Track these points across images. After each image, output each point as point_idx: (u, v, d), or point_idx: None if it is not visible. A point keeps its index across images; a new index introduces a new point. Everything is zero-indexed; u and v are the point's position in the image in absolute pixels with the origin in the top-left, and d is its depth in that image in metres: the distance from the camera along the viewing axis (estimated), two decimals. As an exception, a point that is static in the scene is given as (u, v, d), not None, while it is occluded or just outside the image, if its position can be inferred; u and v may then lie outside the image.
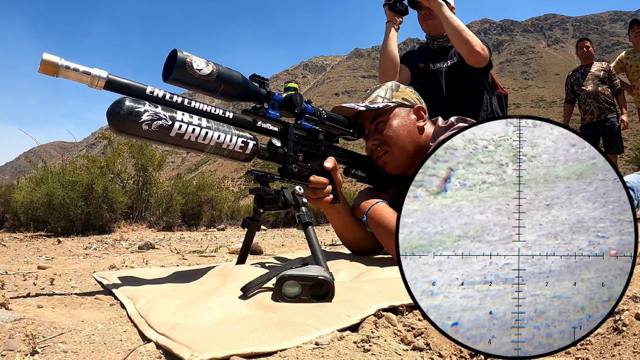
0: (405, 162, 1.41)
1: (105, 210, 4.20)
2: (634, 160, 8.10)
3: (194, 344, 0.62)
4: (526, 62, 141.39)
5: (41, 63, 0.84)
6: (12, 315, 0.77)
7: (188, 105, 1.01)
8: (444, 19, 1.98)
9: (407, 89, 1.49)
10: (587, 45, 4.41)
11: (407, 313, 0.80)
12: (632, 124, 7.41)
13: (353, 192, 7.86)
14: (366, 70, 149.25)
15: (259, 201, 1.21)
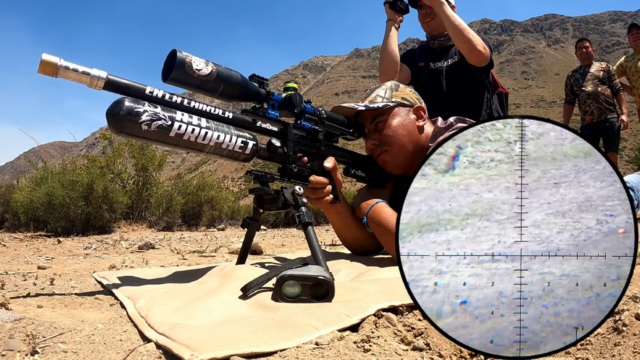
0: (405, 161, 1.41)
1: (105, 210, 4.20)
2: (634, 160, 8.12)
3: (194, 344, 0.62)
4: (526, 62, 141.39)
5: (40, 63, 0.84)
6: (12, 315, 0.77)
7: (188, 105, 1.01)
8: (445, 17, 1.98)
9: (406, 88, 1.49)
10: (587, 45, 4.41)
11: (407, 313, 0.80)
12: (632, 124, 7.44)
13: (353, 192, 7.86)
14: (366, 70, 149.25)
15: (258, 201, 1.21)
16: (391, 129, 1.39)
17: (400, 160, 1.40)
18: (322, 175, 1.26)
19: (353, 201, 1.46)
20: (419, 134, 1.43)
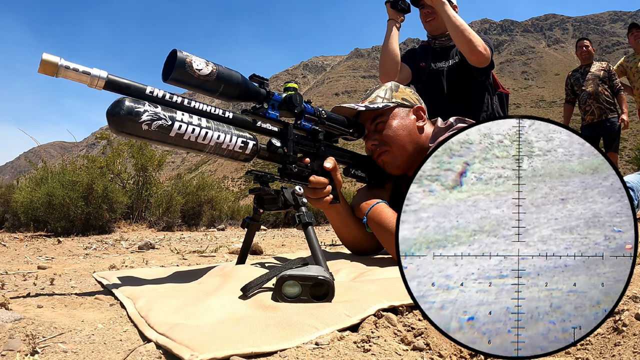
0: (405, 162, 1.41)
1: (105, 210, 4.20)
2: (634, 160, 8.11)
3: (194, 344, 0.62)
4: (526, 62, 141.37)
5: (41, 63, 0.84)
6: (12, 315, 0.77)
7: (188, 105, 1.01)
8: (446, 17, 1.98)
9: (406, 89, 1.49)
10: (587, 45, 4.40)
11: (407, 313, 0.80)
12: (632, 124, 7.44)
13: (353, 192, 7.86)
14: (366, 70, 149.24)
15: (259, 201, 1.21)
16: (391, 130, 1.39)
17: (400, 160, 1.40)
18: (322, 176, 1.26)
19: (353, 201, 1.46)
20: (419, 134, 1.43)
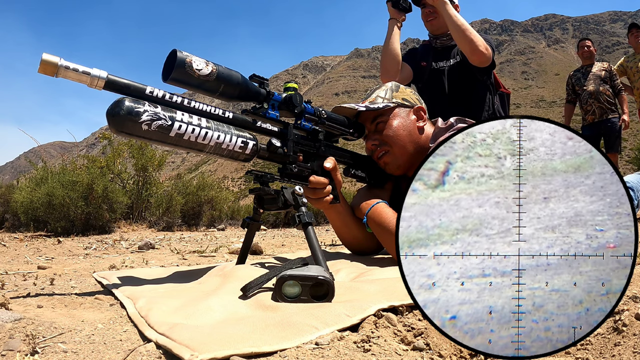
0: (405, 162, 1.41)
1: (105, 210, 4.20)
2: (634, 160, 8.11)
3: (194, 344, 0.62)
4: (526, 62, 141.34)
5: (41, 63, 0.84)
6: (12, 315, 0.77)
7: (188, 105, 1.01)
8: (447, 17, 1.98)
9: (407, 89, 1.49)
10: (588, 45, 4.40)
11: (407, 313, 0.80)
12: (632, 124, 7.45)
13: (353, 192, 7.86)
14: (366, 70, 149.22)
15: (259, 201, 1.21)
16: (392, 130, 1.39)
17: (400, 161, 1.40)
18: (322, 176, 1.26)
19: (353, 201, 1.46)
20: (420, 134, 1.43)
